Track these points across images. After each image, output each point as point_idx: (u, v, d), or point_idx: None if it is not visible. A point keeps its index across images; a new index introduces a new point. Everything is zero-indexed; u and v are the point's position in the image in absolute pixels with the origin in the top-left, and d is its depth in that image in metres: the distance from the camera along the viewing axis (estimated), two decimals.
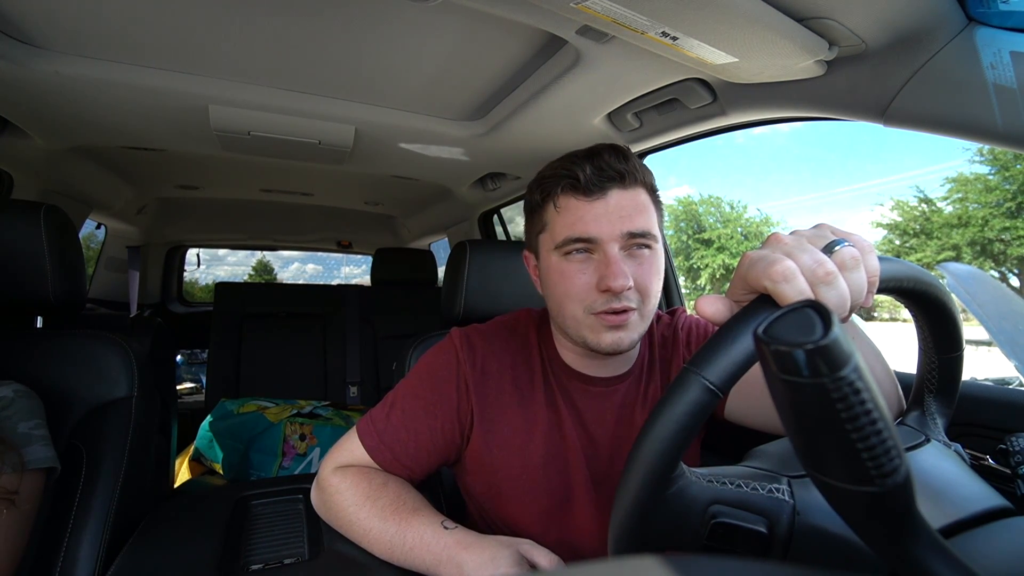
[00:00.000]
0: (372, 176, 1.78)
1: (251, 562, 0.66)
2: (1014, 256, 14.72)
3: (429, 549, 0.61)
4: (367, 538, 0.65)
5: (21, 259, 0.86)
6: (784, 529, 0.38)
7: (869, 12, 0.62)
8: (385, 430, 0.72)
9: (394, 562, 0.63)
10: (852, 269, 0.36)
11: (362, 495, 0.67)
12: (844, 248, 0.36)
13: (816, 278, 0.34)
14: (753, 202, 72.86)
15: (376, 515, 0.65)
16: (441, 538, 0.61)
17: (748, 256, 0.37)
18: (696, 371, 0.34)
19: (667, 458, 0.35)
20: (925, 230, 16.33)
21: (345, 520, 0.68)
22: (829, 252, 0.36)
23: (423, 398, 0.73)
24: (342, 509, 0.68)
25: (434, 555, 0.60)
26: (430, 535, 0.62)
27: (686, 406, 0.34)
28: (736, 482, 0.40)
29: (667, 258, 1.42)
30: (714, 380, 0.34)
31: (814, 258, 0.35)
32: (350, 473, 0.71)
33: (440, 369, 0.74)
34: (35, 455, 0.71)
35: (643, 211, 0.66)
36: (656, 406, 0.36)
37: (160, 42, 0.86)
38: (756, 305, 0.35)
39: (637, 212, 0.65)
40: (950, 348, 0.46)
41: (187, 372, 3.08)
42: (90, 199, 1.71)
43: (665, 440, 0.35)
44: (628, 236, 0.64)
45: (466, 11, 0.73)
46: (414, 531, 0.63)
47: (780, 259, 0.34)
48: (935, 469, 0.42)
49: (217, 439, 1.50)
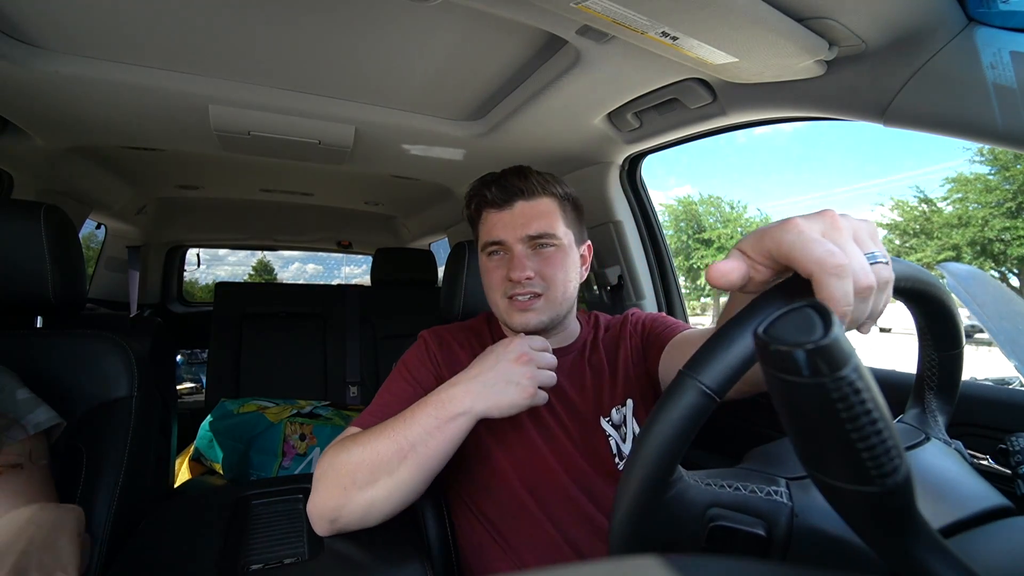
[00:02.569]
0: (372, 176, 1.78)
1: (251, 562, 0.66)
2: (1014, 256, 14.71)
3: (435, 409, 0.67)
4: (379, 458, 0.65)
5: (21, 259, 0.86)
6: (782, 532, 0.38)
7: (869, 12, 0.62)
8: (372, 411, 0.78)
9: (419, 461, 0.66)
10: (883, 290, 0.34)
11: (355, 441, 0.68)
12: (882, 266, 0.34)
13: (859, 287, 0.32)
14: (753, 202, 72.88)
15: (376, 438, 0.67)
16: (436, 395, 0.69)
17: (796, 224, 0.33)
18: (692, 375, 0.34)
19: (664, 462, 0.35)
20: (925, 230, 16.33)
21: (351, 469, 0.66)
22: (870, 262, 0.33)
23: (402, 379, 0.82)
24: (343, 464, 0.67)
25: (441, 407, 0.67)
26: (431, 402, 0.68)
27: (682, 410, 0.34)
28: (734, 485, 0.39)
29: (667, 258, 1.42)
30: (710, 384, 0.34)
31: (863, 266, 0.32)
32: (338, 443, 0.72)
33: (414, 359, 0.86)
34: (39, 418, 0.73)
35: (544, 216, 0.81)
36: (653, 410, 0.36)
37: (160, 42, 0.86)
38: (751, 309, 0.35)
39: (537, 218, 0.80)
40: (950, 345, 0.46)
41: (187, 372, 3.08)
42: (90, 199, 1.71)
43: (662, 444, 0.35)
44: (528, 238, 0.80)
45: (466, 11, 0.73)
46: (413, 415, 0.68)
47: (837, 252, 0.31)
48: (935, 468, 0.42)
49: (217, 439, 1.50)
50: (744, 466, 0.43)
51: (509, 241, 0.81)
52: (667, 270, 1.41)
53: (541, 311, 0.80)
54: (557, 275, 0.80)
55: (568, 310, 0.85)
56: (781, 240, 0.33)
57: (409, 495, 0.67)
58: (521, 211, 0.81)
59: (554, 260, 0.81)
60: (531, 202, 0.81)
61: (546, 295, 0.80)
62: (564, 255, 0.82)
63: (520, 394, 0.68)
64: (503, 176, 0.83)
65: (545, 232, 0.80)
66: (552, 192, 0.83)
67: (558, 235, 0.81)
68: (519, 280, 0.79)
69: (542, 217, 0.80)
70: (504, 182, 0.82)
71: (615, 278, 1.42)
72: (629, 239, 1.38)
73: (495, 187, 0.82)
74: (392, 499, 0.66)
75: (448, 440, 0.67)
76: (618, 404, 0.82)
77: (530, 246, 0.80)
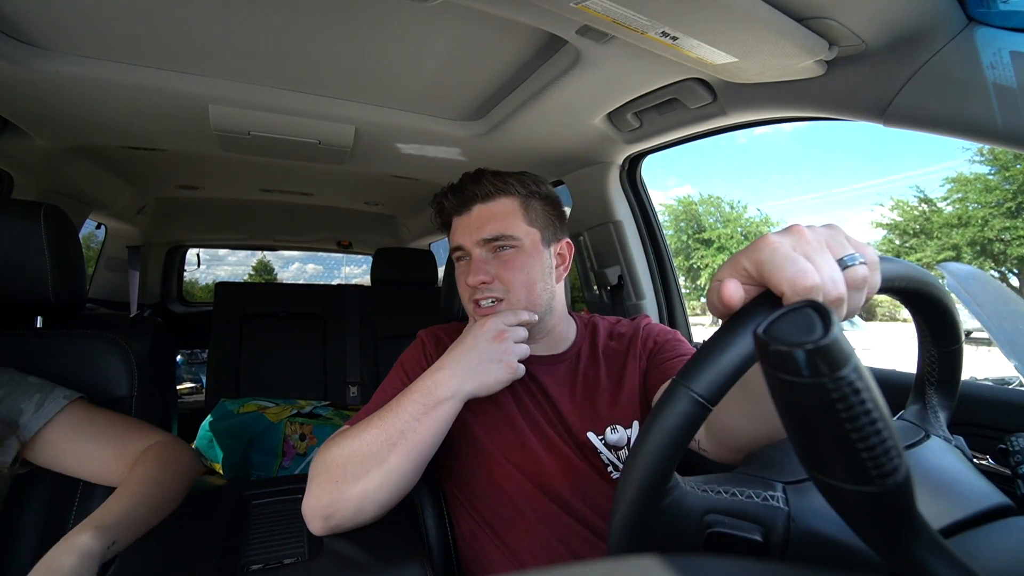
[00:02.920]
0: (372, 176, 1.78)
1: (251, 562, 0.66)
2: (1014, 256, 14.71)
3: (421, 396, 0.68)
4: (369, 448, 0.65)
5: (21, 259, 0.86)
6: (779, 537, 0.38)
7: (869, 12, 0.62)
8: (367, 409, 0.78)
9: (409, 448, 0.66)
10: (857, 289, 0.35)
11: (344, 435, 0.69)
12: (857, 267, 0.35)
13: (828, 298, 0.33)
14: (753, 202, 72.86)
15: (364, 430, 0.67)
16: (421, 381, 0.70)
17: (770, 243, 0.35)
18: (684, 384, 0.35)
19: (659, 471, 0.35)
20: (925, 230, 16.32)
21: (342, 462, 0.66)
22: (843, 266, 0.35)
23: (398, 380, 0.82)
24: (333, 458, 0.67)
25: (427, 392, 0.68)
26: (417, 388, 0.69)
27: (675, 419, 0.34)
28: (731, 490, 0.40)
29: (667, 258, 1.42)
30: (702, 392, 0.34)
31: (832, 275, 0.34)
32: (329, 441, 0.72)
33: (409, 359, 0.86)
34: (64, 391, 0.76)
35: (500, 218, 0.79)
36: (647, 420, 0.36)
37: (160, 42, 0.86)
38: (742, 316, 0.35)
39: (493, 220, 0.79)
40: (948, 341, 0.46)
41: (187, 372, 3.09)
42: (90, 199, 1.71)
43: (655, 453, 0.35)
44: (483, 241, 0.79)
45: (466, 11, 0.73)
46: (400, 403, 0.68)
47: (809, 271, 0.33)
48: (935, 466, 0.42)
49: (217, 439, 1.50)
50: (741, 470, 0.43)
51: (467, 246, 0.80)
52: (667, 270, 1.41)
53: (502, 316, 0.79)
54: (516, 278, 0.78)
55: (545, 313, 0.82)
56: (756, 259, 0.35)
57: (401, 485, 0.67)
58: (478, 214, 0.80)
59: (513, 263, 0.79)
60: (487, 204, 0.80)
61: (507, 299, 0.78)
62: (525, 256, 0.79)
63: (503, 371, 0.71)
64: (460, 182, 0.83)
65: (501, 234, 0.78)
66: (510, 191, 0.81)
67: (516, 235, 0.79)
68: (474, 285, 0.78)
69: (496, 219, 0.79)
70: (460, 187, 0.82)
71: (615, 278, 1.42)
72: (629, 239, 1.38)
73: (451, 194, 0.82)
74: (384, 489, 0.65)
75: (436, 425, 0.67)
76: (617, 423, 0.79)
77: (488, 249, 0.79)
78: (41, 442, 0.72)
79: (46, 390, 0.75)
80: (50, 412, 0.73)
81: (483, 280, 0.77)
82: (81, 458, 0.74)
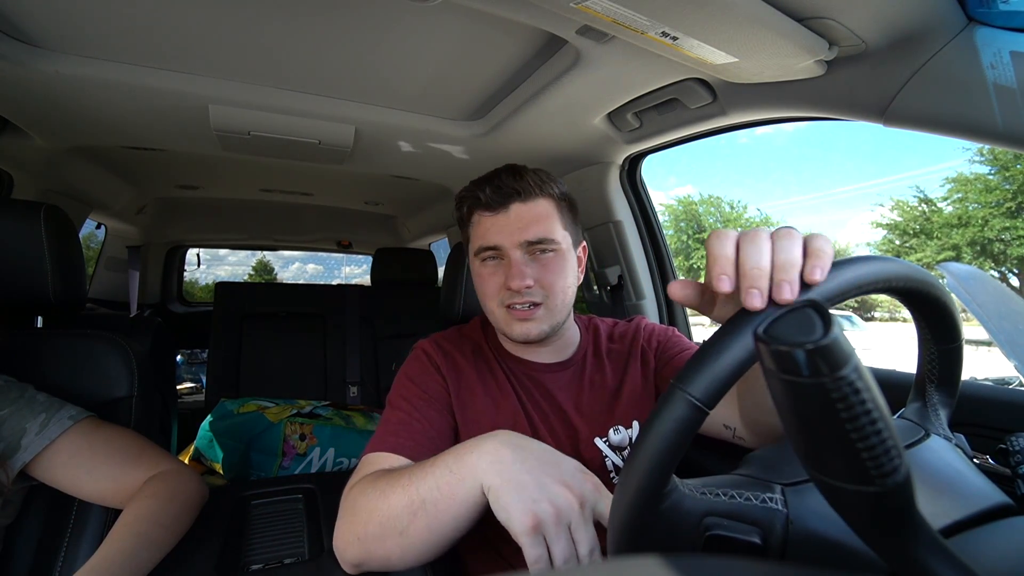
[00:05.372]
0: (372, 176, 1.78)
1: (251, 562, 0.66)
2: (1014, 256, 14.70)
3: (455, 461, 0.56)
4: (391, 511, 0.56)
5: (21, 259, 0.86)
6: (778, 539, 0.38)
7: (869, 12, 0.62)
8: (385, 433, 0.71)
9: (430, 521, 0.54)
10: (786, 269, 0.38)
11: (375, 485, 0.61)
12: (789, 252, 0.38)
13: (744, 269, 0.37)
14: (753, 202, 72.83)
15: (391, 485, 0.59)
16: (462, 445, 0.57)
17: (708, 243, 0.40)
18: (681, 387, 0.35)
19: (657, 475, 0.35)
20: (925, 230, 16.32)
21: (364, 518, 0.59)
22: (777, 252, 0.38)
23: (412, 397, 0.76)
24: (360, 509, 0.60)
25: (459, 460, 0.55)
26: (452, 452, 0.57)
27: (673, 423, 0.35)
28: (729, 493, 0.40)
29: (667, 258, 1.42)
30: (699, 396, 0.34)
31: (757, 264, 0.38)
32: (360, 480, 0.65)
33: (418, 372, 0.80)
34: (71, 411, 0.75)
35: (542, 220, 0.76)
36: (645, 424, 0.36)
37: (160, 42, 0.86)
38: (736, 322, 0.36)
39: (535, 222, 0.75)
40: (948, 339, 0.46)
41: (187, 372, 3.09)
42: (90, 199, 1.71)
43: (653, 457, 0.35)
44: (527, 244, 0.75)
45: (466, 11, 0.73)
46: (432, 466, 0.57)
47: (724, 280, 0.38)
48: (936, 465, 0.42)
49: (217, 439, 1.50)
50: (740, 472, 0.43)
51: (505, 247, 0.76)
52: (667, 270, 1.41)
53: (542, 320, 0.76)
54: (557, 282, 0.76)
55: (567, 316, 0.81)
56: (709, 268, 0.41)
57: (424, 556, 0.57)
58: (517, 214, 0.76)
59: (554, 266, 0.76)
60: (527, 204, 0.76)
61: (546, 304, 0.76)
62: (564, 260, 0.77)
63: (525, 512, 0.49)
64: (497, 176, 0.77)
65: (544, 237, 0.75)
66: (549, 192, 0.78)
67: (557, 239, 0.76)
68: (519, 289, 0.74)
69: (540, 221, 0.76)
70: (498, 183, 0.76)
71: (615, 278, 1.42)
72: (629, 239, 1.38)
73: (489, 188, 0.76)
74: (407, 559, 0.57)
75: (463, 502, 0.54)
76: (618, 424, 0.79)
77: (528, 252, 0.76)
78: (42, 461, 0.71)
79: (52, 409, 0.74)
80: (52, 434, 0.71)
81: (528, 284, 0.74)
82: (76, 484, 0.73)
